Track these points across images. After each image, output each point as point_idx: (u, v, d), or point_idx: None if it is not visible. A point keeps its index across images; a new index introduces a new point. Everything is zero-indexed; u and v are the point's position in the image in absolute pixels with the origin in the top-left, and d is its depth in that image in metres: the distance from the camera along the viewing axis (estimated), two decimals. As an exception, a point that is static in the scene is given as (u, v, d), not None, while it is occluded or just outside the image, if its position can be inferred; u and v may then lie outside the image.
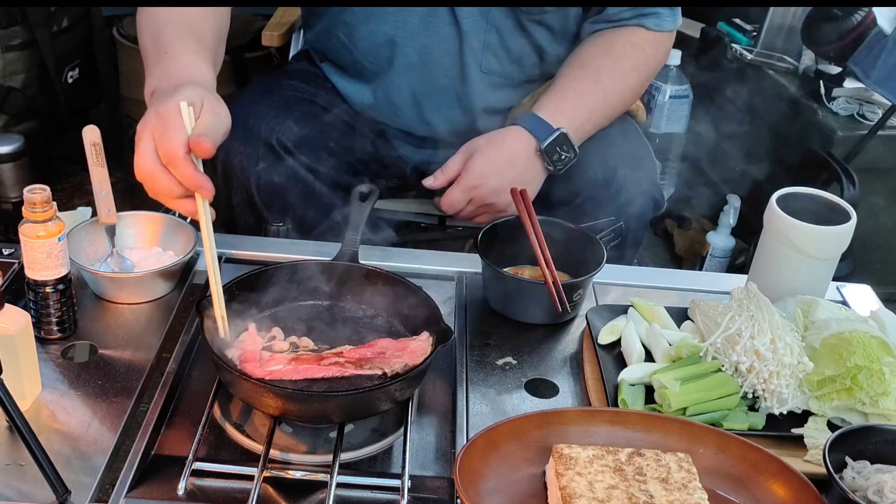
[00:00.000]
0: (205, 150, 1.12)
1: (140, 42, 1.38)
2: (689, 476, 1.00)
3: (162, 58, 1.29)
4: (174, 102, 1.14)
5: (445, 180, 1.55)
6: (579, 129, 1.56)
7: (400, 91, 1.63)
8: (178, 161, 1.11)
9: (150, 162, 1.13)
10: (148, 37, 1.35)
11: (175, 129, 1.12)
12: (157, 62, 1.29)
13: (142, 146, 1.13)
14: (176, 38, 1.31)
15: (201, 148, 1.12)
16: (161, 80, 1.24)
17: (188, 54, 1.29)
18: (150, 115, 1.15)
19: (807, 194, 1.39)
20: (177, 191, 1.14)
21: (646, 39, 1.61)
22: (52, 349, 1.22)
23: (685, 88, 2.81)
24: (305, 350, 1.20)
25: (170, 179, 1.13)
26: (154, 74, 1.27)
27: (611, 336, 1.30)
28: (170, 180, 1.13)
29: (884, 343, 1.19)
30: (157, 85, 1.24)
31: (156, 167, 1.12)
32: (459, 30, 1.57)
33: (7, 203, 2.03)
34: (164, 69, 1.27)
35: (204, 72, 1.28)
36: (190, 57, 1.29)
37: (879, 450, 1.07)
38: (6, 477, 1.02)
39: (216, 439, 1.12)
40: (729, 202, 2.64)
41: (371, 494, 1.06)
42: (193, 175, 1.12)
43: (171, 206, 1.18)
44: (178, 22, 1.35)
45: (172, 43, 1.30)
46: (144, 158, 1.13)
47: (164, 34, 1.32)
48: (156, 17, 1.36)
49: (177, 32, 1.33)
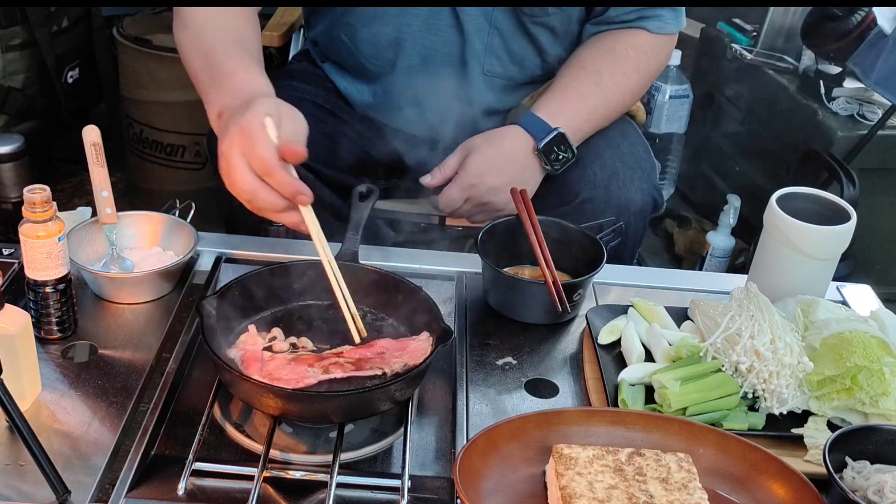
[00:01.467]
0: (297, 155, 1.14)
1: (188, 65, 1.40)
2: (689, 476, 1.00)
3: (219, 78, 1.30)
4: (254, 116, 1.15)
5: (443, 178, 1.55)
6: (578, 130, 1.55)
7: (402, 92, 1.63)
8: (273, 170, 1.12)
9: (249, 178, 1.13)
10: (197, 60, 1.37)
11: (263, 140, 1.13)
12: (214, 84, 1.31)
13: (234, 165, 1.14)
14: (229, 57, 1.33)
15: (294, 153, 1.14)
16: (226, 99, 1.26)
17: (246, 71, 1.31)
18: (232, 134, 1.15)
19: (807, 194, 1.39)
20: (280, 203, 1.14)
21: (647, 42, 1.61)
22: (52, 349, 1.22)
23: (685, 88, 2.81)
24: (305, 350, 1.20)
25: (270, 192, 1.13)
26: (216, 96, 1.29)
27: (611, 336, 1.30)
28: (271, 193, 1.14)
29: (884, 343, 1.19)
30: (224, 105, 1.25)
31: (256, 182, 1.13)
32: (462, 32, 1.57)
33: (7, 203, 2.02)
34: (226, 89, 1.28)
35: (265, 84, 1.30)
36: (248, 73, 1.31)
37: (879, 450, 1.07)
38: (6, 477, 1.02)
39: (216, 439, 1.12)
40: (729, 202, 2.64)
41: (371, 494, 1.06)
42: (290, 181, 1.13)
43: (277, 220, 1.18)
44: (226, 40, 1.37)
45: (226, 62, 1.32)
46: (242, 176, 1.13)
47: (215, 55, 1.34)
48: (202, 39, 1.38)
49: (228, 51, 1.35)
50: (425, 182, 1.57)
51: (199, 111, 1.36)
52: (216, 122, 1.27)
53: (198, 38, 1.40)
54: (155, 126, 2.65)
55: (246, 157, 1.13)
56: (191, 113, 2.58)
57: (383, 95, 1.65)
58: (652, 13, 1.59)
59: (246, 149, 1.13)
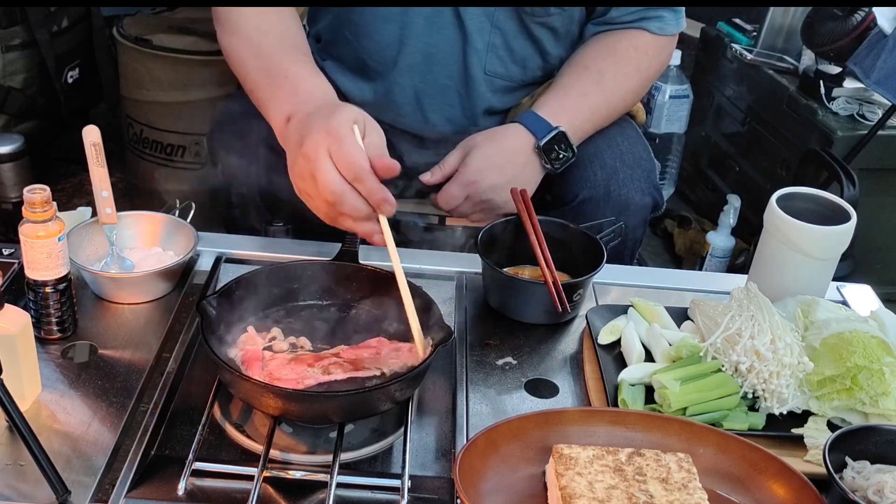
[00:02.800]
0: (391, 170, 1.15)
1: (240, 70, 1.42)
2: (689, 476, 1.00)
3: (283, 83, 1.32)
4: (344, 120, 1.15)
5: (443, 176, 1.55)
6: (579, 130, 1.56)
7: (403, 90, 1.63)
8: (364, 176, 1.13)
9: (338, 182, 1.13)
10: (252, 64, 1.39)
11: (355, 146, 1.13)
12: (278, 88, 1.32)
13: (321, 167, 1.13)
14: (291, 63, 1.36)
15: (387, 167, 1.15)
16: (295, 104, 1.28)
17: (311, 76, 1.34)
18: (317, 136, 1.15)
19: (807, 194, 1.39)
20: (364, 210, 1.15)
21: (649, 43, 1.61)
22: (52, 349, 1.22)
23: (685, 88, 2.81)
24: (304, 350, 1.20)
25: (357, 198, 1.14)
26: (281, 101, 1.30)
27: (611, 336, 1.30)
28: (358, 199, 1.14)
29: (884, 343, 1.19)
30: (294, 110, 1.27)
31: (344, 186, 1.14)
32: (464, 31, 1.57)
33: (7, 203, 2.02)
34: (293, 94, 1.30)
35: (331, 90, 1.32)
36: (315, 78, 1.33)
37: (879, 450, 1.07)
38: (6, 477, 1.02)
39: (216, 439, 1.12)
40: (729, 202, 2.64)
41: (371, 494, 1.06)
42: (380, 188, 1.14)
43: (351, 229, 1.19)
44: (283, 45, 1.39)
45: (289, 67, 1.35)
46: (331, 179, 1.13)
47: (273, 59, 1.36)
48: (256, 44, 1.40)
49: (288, 55, 1.37)
50: (425, 179, 1.57)
51: (199, 111, 1.37)
52: (283, 127, 1.28)
53: (250, 42, 1.41)
54: (155, 126, 2.65)
55: (334, 160, 1.13)
56: (191, 113, 2.57)
57: (384, 93, 1.65)
58: (653, 14, 1.59)
59: (335, 151, 1.13)
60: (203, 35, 2.55)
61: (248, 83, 1.41)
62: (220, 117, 1.67)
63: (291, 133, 1.25)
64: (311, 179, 1.17)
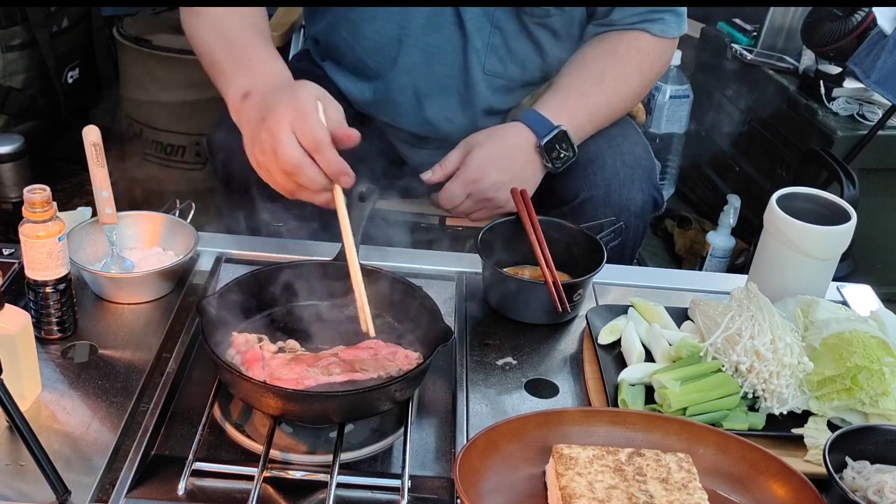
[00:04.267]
0: (352, 138, 1.19)
1: (202, 47, 1.46)
2: (689, 476, 1.00)
3: (245, 63, 1.36)
4: (308, 96, 1.19)
5: (444, 175, 1.55)
6: (580, 129, 1.56)
7: (402, 90, 1.63)
8: (324, 147, 1.16)
9: (297, 153, 1.17)
10: (215, 41, 1.42)
11: (316, 119, 1.17)
12: (238, 65, 1.36)
13: (282, 138, 1.17)
14: (253, 43, 1.39)
15: (348, 136, 1.19)
16: (255, 81, 1.31)
17: (273, 58, 1.37)
18: (280, 111, 1.18)
19: (807, 194, 1.39)
20: (321, 181, 1.18)
21: (650, 45, 1.61)
22: (52, 349, 1.22)
23: (685, 88, 2.81)
24: (293, 353, 1.20)
25: (316, 170, 1.17)
26: (241, 77, 1.34)
27: (611, 336, 1.30)
28: (316, 171, 1.18)
29: (884, 343, 1.19)
30: (252, 86, 1.30)
31: (303, 158, 1.17)
32: (464, 31, 1.57)
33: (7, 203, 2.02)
34: (254, 72, 1.34)
35: (288, 72, 1.35)
36: (276, 60, 1.37)
37: (879, 450, 1.07)
38: (6, 477, 1.02)
39: (216, 439, 1.12)
40: (729, 202, 2.64)
41: (371, 494, 1.06)
42: (338, 160, 1.17)
43: (306, 199, 1.22)
44: (244, 26, 1.43)
45: (250, 47, 1.38)
46: (290, 149, 1.17)
47: (237, 38, 1.40)
48: (219, 23, 1.44)
49: (249, 36, 1.41)
50: (426, 178, 1.57)
51: (199, 111, 1.37)
52: (239, 103, 1.31)
53: (213, 22, 1.44)
54: (155, 126, 2.65)
55: (296, 133, 1.16)
56: (191, 113, 2.57)
57: (384, 93, 1.65)
58: (655, 16, 1.59)
59: (298, 125, 1.16)
60: (203, 35, 2.55)
61: (208, 59, 1.44)
62: (221, 117, 1.67)
63: (250, 110, 1.27)
64: (272, 153, 1.19)
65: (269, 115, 1.19)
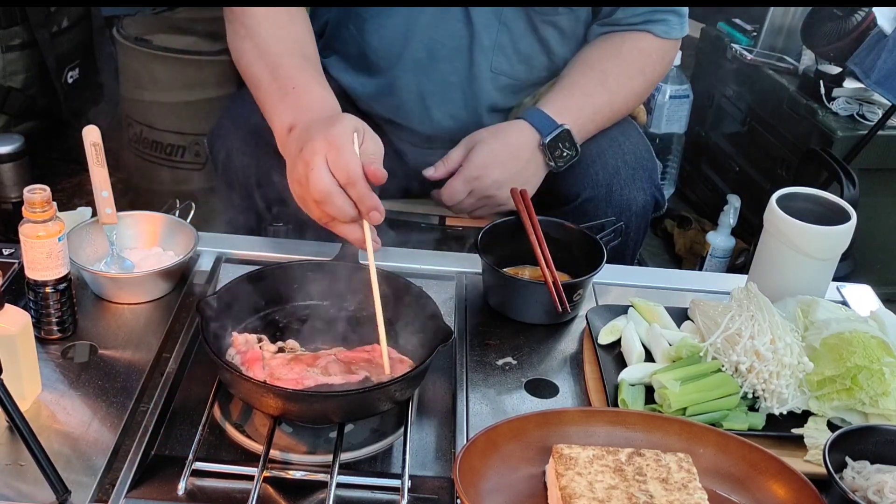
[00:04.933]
0: (380, 178, 1.19)
1: (248, 74, 1.45)
2: (689, 476, 1.00)
3: (290, 92, 1.36)
4: (344, 129, 1.19)
5: (446, 171, 1.55)
6: (582, 129, 1.56)
7: (407, 87, 1.63)
8: (357, 180, 1.16)
9: (327, 182, 1.17)
10: (262, 71, 1.41)
11: (351, 153, 1.17)
12: (284, 97, 1.36)
13: (315, 168, 1.17)
14: (299, 71, 1.39)
15: (377, 176, 1.18)
16: (299, 114, 1.31)
17: (318, 87, 1.37)
18: (317, 142, 1.19)
19: (807, 194, 1.39)
20: (350, 213, 1.19)
21: (653, 46, 1.61)
22: (52, 349, 1.23)
23: (685, 88, 2.81)
24: (292, 353, 1.20)
25: (346, 201, 1.18)
26: (286, 110, 1.34)
27: (611, 336, 1.30)
28: (346, 201, 1.18)
29: (884, 343, 1.19)
30: (296, 119, 1.31)
31: (334, 188, 1.17)
32: (471, 28, 1.57)
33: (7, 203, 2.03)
34: (298, 104, 1.34)
35: (335, 102, 1.36)
36: (320, 89, 1.37)
37: (879, 450, 1.07)
38: (6, 477, 1.02)
39: (216, 439, 1.12)
40: (729, 202, 2.64)
41: (371, 494, 1.06)
42: (372, 195, 1.18)
43: (337, 231, 1.22)
44: (293, 53, 1.42)
45: (296, 76, 1.38)
46: (321, 179, 1.17)
47: (282, 67, 1.39)
48: (267, 50, 1.43)
49: (295, 64, 1.40)
50: (428, 174, 1.57)
51: (199, 111, 1.37)
52: (285, 136, 1.31)
53: (262, 49, 1.43)
54: (155, 126, 2.65)
55: (330, 165, 1.17)
56: (191, 113, 2.57)
57: (387, 89, 1.65)
58: (658, 17, 1.60)
59: (332, 157, 1.17)
60: (203, 35, 2.55)
61: (255, 88, 1.43)
62: (220, 117, 1.67)
63: (292, 142, 1.27)
64: (305, 182, 1.19)
65: (305, 146, 1.20)
